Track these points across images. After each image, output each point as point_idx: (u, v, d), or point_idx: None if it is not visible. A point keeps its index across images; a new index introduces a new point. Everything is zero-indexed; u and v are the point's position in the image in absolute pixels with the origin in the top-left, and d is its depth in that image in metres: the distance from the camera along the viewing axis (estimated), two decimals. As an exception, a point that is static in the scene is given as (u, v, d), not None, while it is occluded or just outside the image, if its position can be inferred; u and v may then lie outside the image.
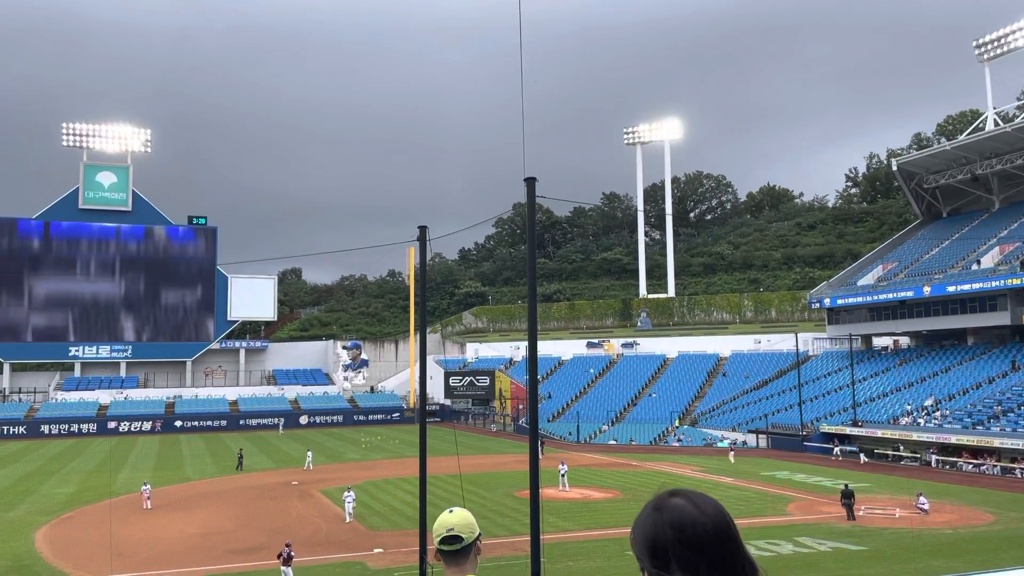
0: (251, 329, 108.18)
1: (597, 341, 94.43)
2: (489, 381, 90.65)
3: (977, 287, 59.98)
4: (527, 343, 14.72)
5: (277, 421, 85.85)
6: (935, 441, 50.66)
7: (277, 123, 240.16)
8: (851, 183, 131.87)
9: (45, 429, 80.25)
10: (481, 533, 3.13)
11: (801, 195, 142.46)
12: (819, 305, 74.66)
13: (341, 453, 62.43)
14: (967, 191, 74.62)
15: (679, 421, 71.49)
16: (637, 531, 1.69)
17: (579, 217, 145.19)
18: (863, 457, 52.93)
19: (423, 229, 20.86)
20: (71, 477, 49.22)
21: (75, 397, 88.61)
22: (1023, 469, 45.05)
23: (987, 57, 72.57)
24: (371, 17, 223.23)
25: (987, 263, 62.83)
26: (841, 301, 71.59)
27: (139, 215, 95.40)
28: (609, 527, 31.84)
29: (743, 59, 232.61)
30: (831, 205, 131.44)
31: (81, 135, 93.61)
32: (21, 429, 79.80)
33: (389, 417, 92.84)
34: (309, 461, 52.83)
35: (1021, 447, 45.43)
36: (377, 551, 28.17)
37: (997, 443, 47.11)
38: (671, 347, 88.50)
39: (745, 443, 63.57)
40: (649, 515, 1.67)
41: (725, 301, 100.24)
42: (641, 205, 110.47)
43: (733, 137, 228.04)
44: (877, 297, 68.34)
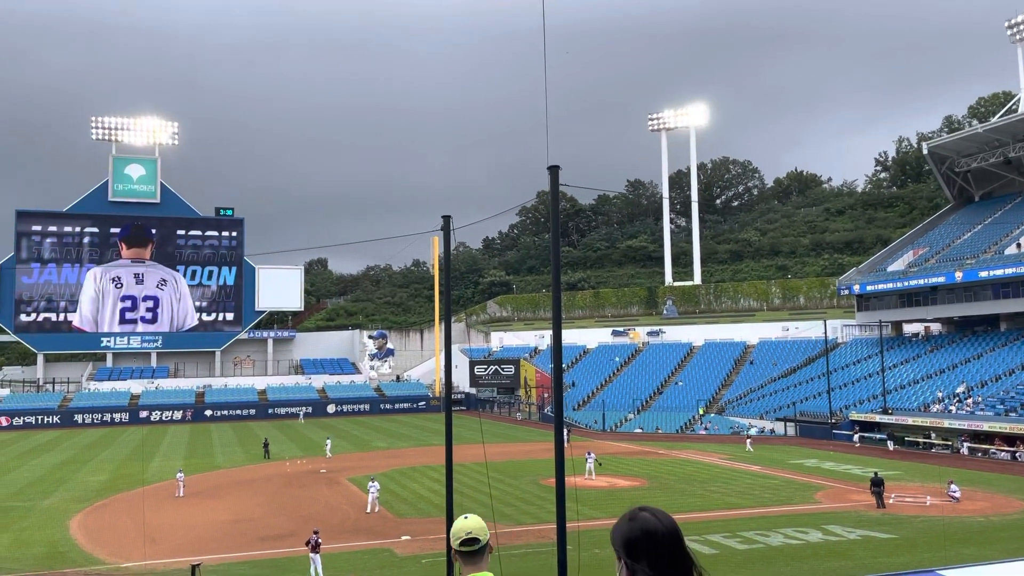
0: (278, 319, 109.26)
1: (622, 329, 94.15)
2: (514, 370, 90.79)
3: (1010, 272, 58.95)
4: (552, 332, 14.70)
5: (298, 411, 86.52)
6: (967, 428, 49.98)
7: (302, 113, 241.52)
8: (881, 167, 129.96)
9: (79, 418, 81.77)
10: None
11: (829, 180, 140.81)
12: (848, 291, 73.79)
13: (368, 441, 62.91)
14: (999, 174, 73.24)
15: (705, 409, 71.16)
16: (616, 533, 2.45)
17: (604, 205, 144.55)
18: (891, 444, 52.43)
19: (447, 219, 20.88)
20: (104, 465, 50.12)
21: (107, 387, 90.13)
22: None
23: (1019, 37, 71.06)
24: (395, 7, 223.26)
25: (1020, 248, 61.72)
26: (871, 287, 70.70)
27: (167, 207, 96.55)
28: (635, 515, 31.79)
29: (769, 43, 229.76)
30: (860, 190, 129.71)
31: (110, 128, 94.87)
32: (55, 418, 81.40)
33: (415, 406, 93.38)
34: (328, 448, 53.29)
35: (1056, 434, 44.64)
36: (404, 538, 28.41)
37: (1031, 430, 46.38)
38: (697, 335, 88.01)
39: (773, 431, 63.17)
40: (625, 523, 2.46)
41: (752, 288, 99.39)
42: (666, 192, 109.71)
43: (760, 122, 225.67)
44: (908, 283, 67.40)
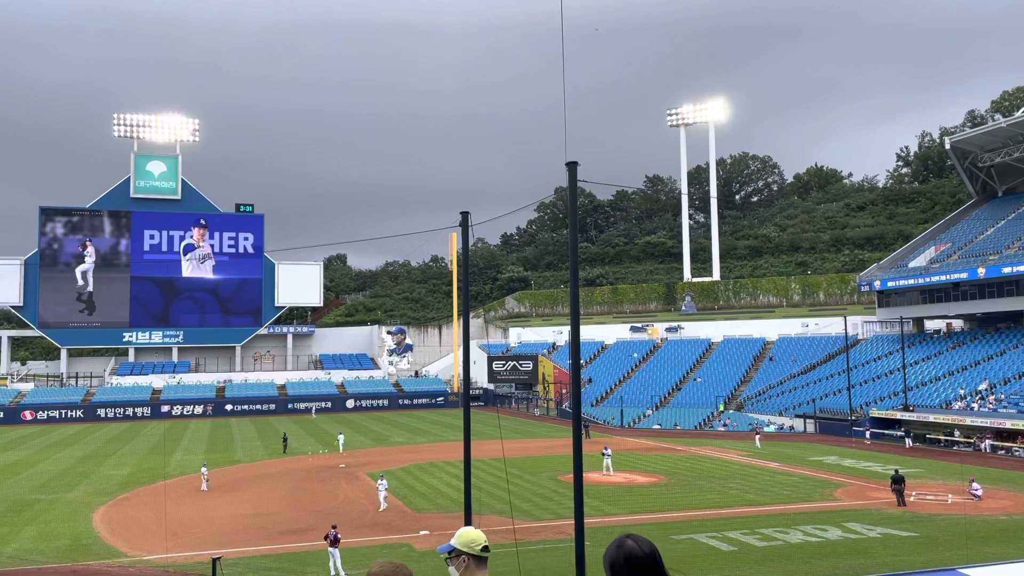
0: (298, 314, 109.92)
1: (641, 325, 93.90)
2: (532, 366, 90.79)
3: (1035, 268, 58.24)
4: (570, 328, 14.70)
5: (309, 406, 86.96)
6: (989, 426, 49.44)
7: (321, 109, 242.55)
8: (902, 162, 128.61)
9: (101, 412, 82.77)
10: None
11: (850, 176, 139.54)
12: (869, 288, 73.16)
13: (386, 437, 63.17)
14: (1023, 169, 72.37)
15: (724, 406, 70.87)
16: (605, 557, 2.86)
17: (622, 201, 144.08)
18: (908, 441, 52.00)
19: (465, 215, 20.92)
20: (127, 459, 50.71)
21: (129, 381, 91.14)
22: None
23: (1047, 29, 69.94)
24: (414, 1, 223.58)
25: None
26: (892, 283, 70.04)
27: (188, 203, 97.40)
28: (653, 511, 31.78)
29: (790, 37, 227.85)
30: (881, 185, 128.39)
31: (132, 125, 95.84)
32: (78, 412, 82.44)
33: (433, 401, 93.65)
34: (341, 443, 53.53)
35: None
36: (423, 533, 28.53)
37: (1055, 428, 45.80)
38: (716, 331, 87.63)
39: (792, 428, 62.83)
40: (613, 549, 2.84)
41: (771, 284, 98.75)
42: (685, 188, 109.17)
43: (780, 117, 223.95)
44: (929, 279, 66.72)
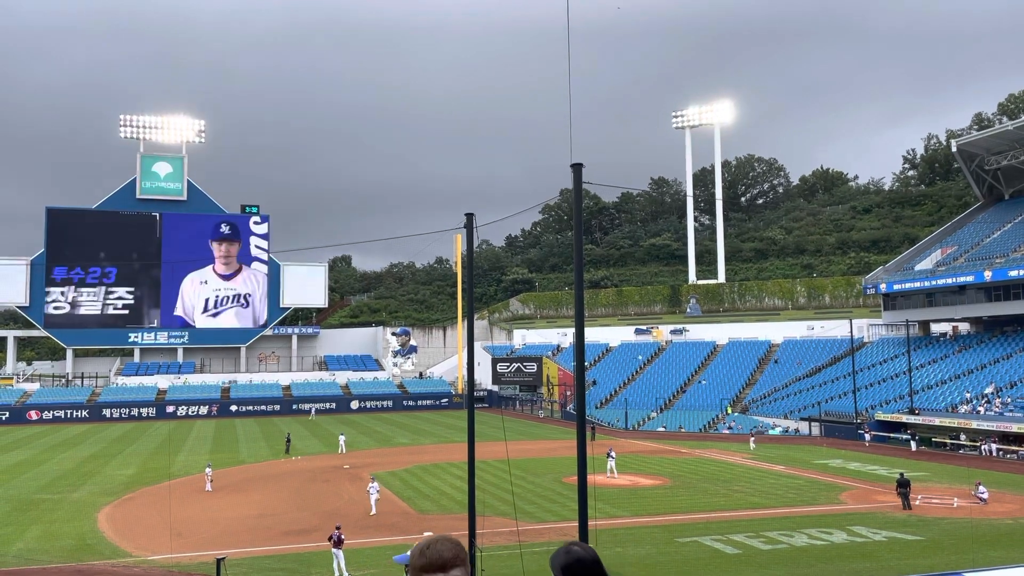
0: (303, 315, 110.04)
1: (645, 328, 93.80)
2: (536, 367, 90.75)
3: (1041, 271, 58.04)
4: (574, 330, 14.70)
5: (309, 407, 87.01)
6: (995, 430, 49.25)
7: (327, 110, 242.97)
8: (909, 165, 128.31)
9: (107, 413, 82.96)
10: None
11: (856, 178, 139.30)
12: (875, 291, 72.97)
13: (391, 438, 63.17)
14: (1031, 172, 72.05)
15: (731, 408, 70.73)
16: (554, 562, 3.07)
17: (627, 203, 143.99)
18: (913, 445, 51.82)
19: (470, 216, 20.93)
20: (132, 459, 50.80)
21: (135, 382, 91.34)
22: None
23: (1054, 32, 69.74)
24: (423, 2, 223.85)
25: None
26: (898, 286, 69.87)
27: (194, 204, 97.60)
28: (658, 514, 31.72)
29: (796, 39, 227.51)
30: (887, 188, 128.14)
31: (138, 127, 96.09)
32: (84, 412, 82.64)
33: (438, 403, 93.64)
34: (343, 445, 53.52)
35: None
36: (427, 534, 28.34)
37: (1062, 432, 45.63)
38: (721, 333, 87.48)
39: (798, 431, 62.69)
40: (563, 554, 3.08)
41: (777, 287, 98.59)
42: (690, 190, 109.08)
43: (785, 119, 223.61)
44: (935, 282, 66.53)
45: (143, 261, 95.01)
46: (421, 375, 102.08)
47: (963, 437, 51.42)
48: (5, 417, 79.62)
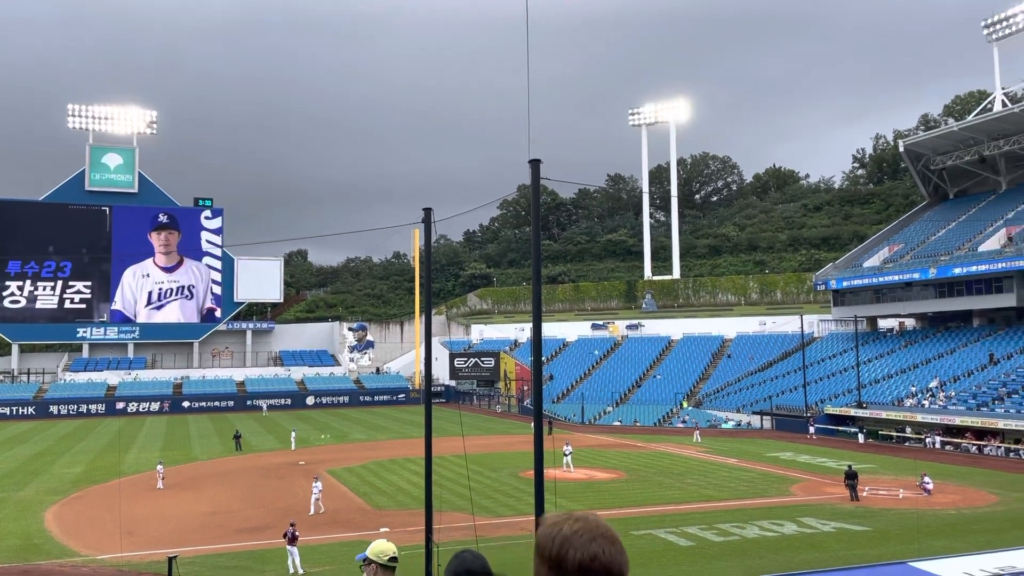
0: (257, 310, 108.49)
1: (602, 323, 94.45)
2: (494, 363, 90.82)
3: (983, 269, 59.83)
4: (532, 325, 14.72)
5: (262, 403, 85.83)
6: (939, 423, 50.68)
7: (282, 102, 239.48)
8: (858, 164, 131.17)
9: (54, 409, 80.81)
10: None
11: (807, 177, 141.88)
12: (825, 287, 74.49)
13: (347, 434, 62.72)
14: (974, 172, 74.14)
15: (686, 402, 71.61)
16: (448, 568, 3.27)
17: (584, 199, 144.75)
18: (861, 438, 53.18)
19: (428, 211, 20.81)
20: (80, 457, 49.60)
21: (83, 378, 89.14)
22: (1027, 450, 44.94)
23: (995, 37, 71.86)
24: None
25: (993, 245, 62.61)
26: (847, 283, 71.42)
27: (145, 197, 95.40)
28: (614, 507, 31.98)
29: (750, 37, 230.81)
30: (837, 186, 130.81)
31: (87, 117, 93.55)
32: (30, 410, 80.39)
33: (395, 398, 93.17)
34: (293, 440, 52.87)
35: (1025, 429, 45.31)
36: (383, 530, 28.35)
37: (1001, 424, 47.13)
38: (676, 329, 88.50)
39: (750, 424, 63.78)
40: (455, 560, 3.28)
41: (730, 283, 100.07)
42: (646, 187, 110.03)
43: (739, 118, 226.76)
44: (883, 279, 68.17)
45: (93, 255, 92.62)
46: (378, 370, 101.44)
47: (908, 430, 52.81)
48: (-54, 414, 77.12)
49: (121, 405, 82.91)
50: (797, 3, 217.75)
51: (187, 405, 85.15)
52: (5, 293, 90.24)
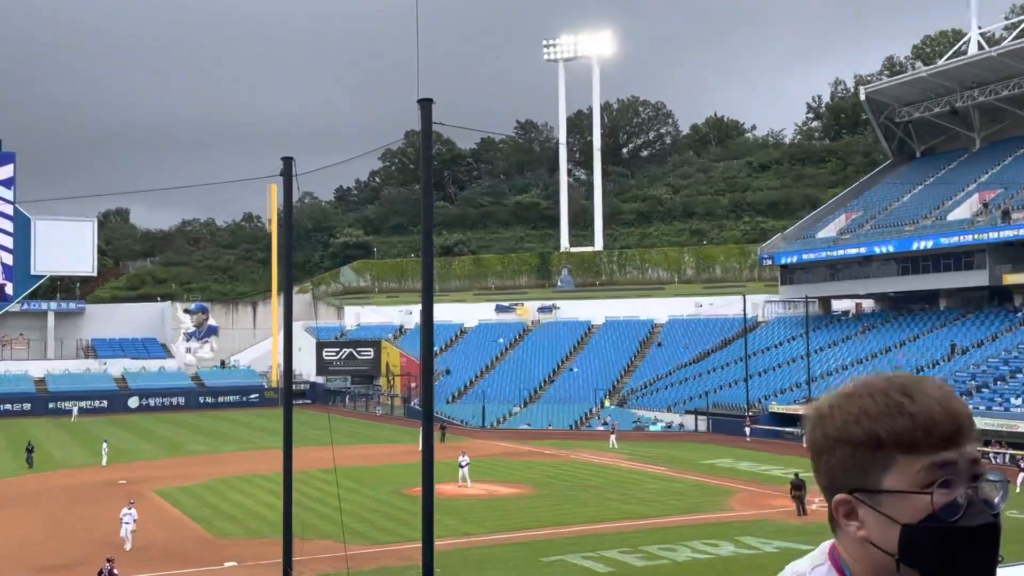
0: (63, 287, 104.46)
1: (508, 304, 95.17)
2: (373, 354, 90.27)
3: (952, 242, 62.76)
4: (421, 307, 14.75)
5: (71, 406, 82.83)
6: (900, 422, 53.37)
7: (105, 26, 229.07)
8: (812, 115, 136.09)
9: None
10: None
11: (754, 128, 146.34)
12: (771, 261, 77.02)
13: (182, 444, 61.39)
14: (945, 127, 77.79)
15: (608, 401, 73.12)
16: None
17: (487, 151, 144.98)
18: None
19: (288, 161, 20.47)
20: None
21: None
22: (999, 453, 47.85)
23: (972, -32, 74.97)
24: None
25: (964, 213, 65.81)
26: (797, 257, 74.03)
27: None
28: (519, 529, 32.47)
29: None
30: (788, 141, 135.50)
31: None
32: None
33: (245, 399, 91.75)
34: (105, 453, 51.33)
35: (997, 427, 48.08)
36: (229, 565, 27.95)
37: (969, 424, 50.07)
38: (597, 311, 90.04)
39: (682, 426, 65.67)
40: None
41: (662, 256, 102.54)
42: (563, 137, 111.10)
43: (675, 57, 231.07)
44: (838, 252, 70.90)
45: None
46: (223, 364, 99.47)
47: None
48: None
49: None
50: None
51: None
52: None
